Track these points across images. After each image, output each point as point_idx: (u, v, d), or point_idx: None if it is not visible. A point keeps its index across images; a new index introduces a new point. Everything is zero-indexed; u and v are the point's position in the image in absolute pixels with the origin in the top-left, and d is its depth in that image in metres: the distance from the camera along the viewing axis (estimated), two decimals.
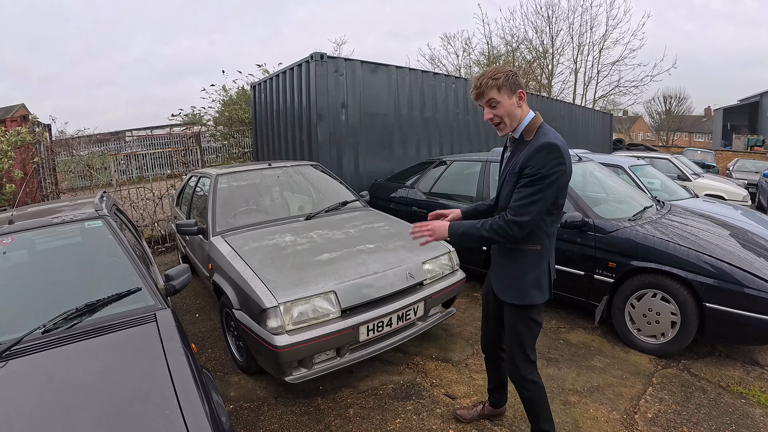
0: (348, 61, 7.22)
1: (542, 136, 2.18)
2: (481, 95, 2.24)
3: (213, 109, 14.24)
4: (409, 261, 3.70)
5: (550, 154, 2.10)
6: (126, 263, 2.75)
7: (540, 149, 2.12)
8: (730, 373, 3.64)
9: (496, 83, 2.18)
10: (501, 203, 2.39)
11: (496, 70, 2.21)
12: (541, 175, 2.10)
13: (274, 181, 5.23)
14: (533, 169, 2.11)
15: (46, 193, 7.91)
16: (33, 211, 3.72)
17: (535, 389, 2.49)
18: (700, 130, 56.07)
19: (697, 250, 3.69)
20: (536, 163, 2.11)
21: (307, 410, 3.27)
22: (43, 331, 2.15)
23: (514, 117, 2.24)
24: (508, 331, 2.48)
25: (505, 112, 2.22)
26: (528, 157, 2.15)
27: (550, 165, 2.10)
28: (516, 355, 2.45)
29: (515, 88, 2.20)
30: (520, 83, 2.21)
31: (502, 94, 2.19)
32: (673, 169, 10.53)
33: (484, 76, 2.21)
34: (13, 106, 8.08)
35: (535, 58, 25.53)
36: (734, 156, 22.28)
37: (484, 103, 2.26)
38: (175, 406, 1.68)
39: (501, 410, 3.06)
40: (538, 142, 2.15)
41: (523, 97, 2.22)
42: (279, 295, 3.09)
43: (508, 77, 2.18)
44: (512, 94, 2.20)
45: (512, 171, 2.26)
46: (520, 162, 2.19)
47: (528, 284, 2.32)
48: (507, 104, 2.21)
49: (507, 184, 2.32)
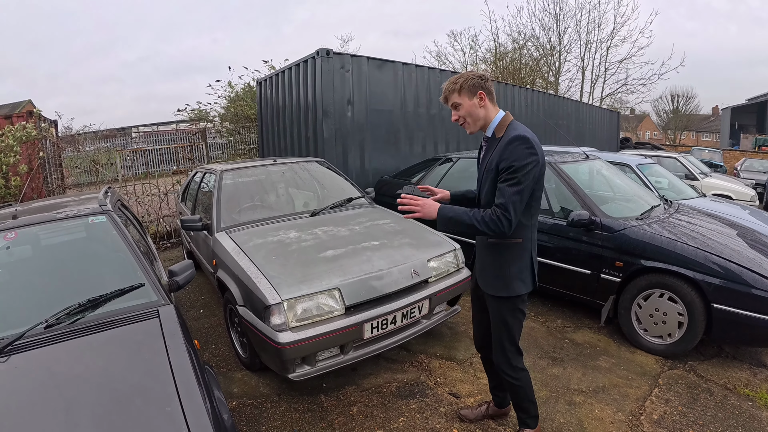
0: (354, 58, 7.19)
1: (512, 130, 2.28)
2: (446, 99, 2.41)
3: (219, 105, 14.28)
4: (414, 258, 3.68)
5: (520, 145, 2.20)
6: (129, 259, 2.74)
7: (510, 142, 2.22)
8: (737, 374, 3.60)
9: (455, 87, 2.34)
10: (483, 201, 2.44)
11: (460, 75, 2.38)
12: (515, 167, 2.17)
13: (279, 177, 5.22)
14: (507, 163, 2.20)
15: (52, 188, 7.93)
16: (37, 206, 3.72)
17: (525, 377, 2.58)
18: (708, 129, 55.78)
19: (705, 250, 3.65)
20: (509, 156, 2.20)
21: (310, 407, 3.26)
22: (45, 326, 2.15)
23: (476, 117, 2.36)
24: (496, 323, 2.52)
25: (466, 113, 2.36)
26: (501, 151, 2.25)
27: (523, 156, 2.18)
28: (506, 347, 2.52)
29: (475, 90, 2.31)
30: (481, 85, 2.31)
31: (462, 97, 2.34)
32: (681, 168, 10.48)
33: (449, 82, 2.38)
34: (20, 103, 8.11)
35: (542, 55, 25.43)
36: (742, 155, 22.17)
37: (450, 106, 2.41)
38: (177, 402, 1.67)
39: (506, 410, 3.04)
40: (509, 136, 2.26)
41: (484, 98, 2.32)
42: (283, 292, 3.08)
43: (467, 81, 2.32)
44: (472, 96, 2.32)
45: (489, 168, 2.34)
46: (495, 158, 2.28)
47: (512, 276, 2.40)
48: (467, 105, 2.34)
49: (485, 182, 2.39)
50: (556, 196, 4.65)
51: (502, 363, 2.55)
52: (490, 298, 2.50)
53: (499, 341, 2.53)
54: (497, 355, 2.57)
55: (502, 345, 2.52)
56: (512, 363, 2.53)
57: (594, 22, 25.21)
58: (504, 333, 2.49)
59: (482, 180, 2.44)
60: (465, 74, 2.36)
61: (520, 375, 2.55)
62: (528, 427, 2.67)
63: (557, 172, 4.69)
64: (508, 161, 2.19)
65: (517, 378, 2.55)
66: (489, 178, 2.33)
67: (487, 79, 2.35)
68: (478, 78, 2.32)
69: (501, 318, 2.48)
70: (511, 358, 2.52)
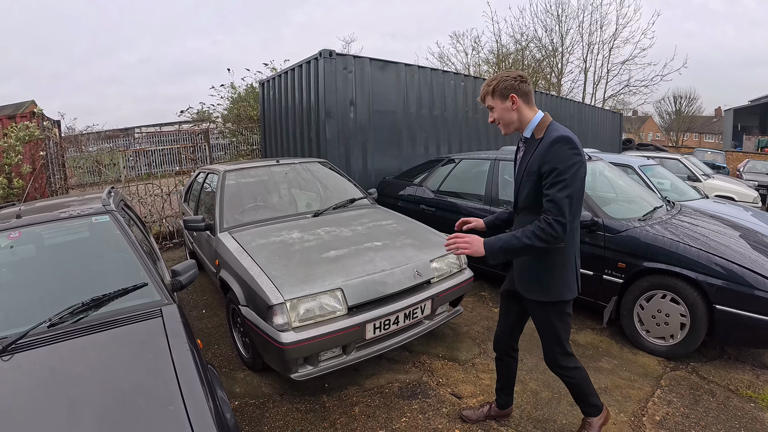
0: (357, 59, 7.20)
1: (553, 131, 2.22)
2: (483, 100, 2.40)
3: (221, 106, 14.30)
4: (416, 259, 3.68)
5: (563, 146, 2.14)
6: (132, 258, 2.74)
7: (553, 143, 2.16)
8: (740, 376, 3.60)
9: (489, 89, 2.33)
10: (521, 204, 2.41)
11: (495, 76, 2.34)
12: (561, 170, 2.12)
13: (281, 177, 5.22)
14: (551, 165, 2.14)
15: (55, 188, 7.95)
16: (41, 205, 3.73)
17: (579, 374, 2.57)
18: (711, 130, 55.63)
19: (707, 252, 3.65)
20: (552, 159, 2.14)
21: (312, 408, 3.26)
22: (48, 325, 2.15)
23: (509, 120, 2.34)
24: (543, 328, 2.50)
25: (499, 116, 2.35)
26: (543, 154, 2.19)
27: (567, 157, 2.13)
28: (554, 350, 2.51)
29: (507, 93, 2.28)
30: (514, 88, 2.27)
31: (495, 100, 2.33)
32: (683, 170, 10.45)
33: (484, 84, 2.37)
34: (23, 103, 8.13)
35: (544, 56, 25.39)
36: (745, 157, 22.10)
37: (487, 107, 2.40)
38: (180, 401, 1.67)
39: (507, 411, 3.04)
40: (550, 137, 2.19)
41: (516, 102, 2.28)
42: (285, 292, 3.08)
43: (499, 83, 2.29)
44: (504, 99, 2.30)
45: (529, 171, 2.28)
46: (537, 161, 2.23)
47: (555, 281, 2.35)
48: (499, 109, 2.33)
49: (525, 185, 2.34)
50: None
51: (553, 364, 2.57)
52: (532, 303, 2.45)
53: (547, 344, 2.53)
54: (547, 356, 2.57)
55: (550, 348, 2.52)
56: (561, 363, 2.53)
57: (596, 23, 25.20)
58: (552, 336, 2.48)
59: (521, 182, 2.39)
60: (499, 76, 2.32)
61: (573, 373, 2.55)
62: (591, 416, 2.68)
63: None
64: (551, 164, 2.14)
65: (570, 376, 2.56)
66: (530, 181, 2.28)
67: (522, 80, 2.29)
68: (512, 80, 2.28)
69: (548, 322, 2.45)
70: (560, 359, 2.52)
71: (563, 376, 2.57)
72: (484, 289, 5.49)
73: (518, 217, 2.48)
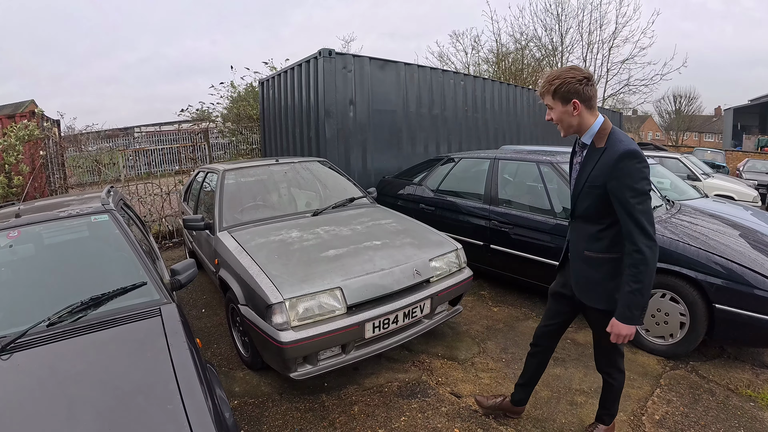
0: (356, 58, 7.20)
1: (617, 143, 2.14)
2: (541, 96, 2.29)
3: (221, 105, 14.31)
4: (416, 258, 3.68)
5: (632, 162, 2.07)
6: (132, 257, 2.74)
7: (621, 159, 2.08)
8: (739, 375, 3.59)
9: (549, 89, 2.20)
10: (579, 212, 2.38)
11: (557, 75, 2.19)
12: (638, 190, 2.06)
13: (281, 177, 5.22)
14: (623, 184, 2.08)
15: (54, 188, 7.95)
16: (40, 205, 3.73)
17: (621, 378, 2.61)
18: (710, 130, 55.62)
19: (707, 251, 3.65)
20: (623, 176, 2.08)
21: (311, 407, 3.26)
22: (47, 324, 2.16)
23: (568, 124, 2.25)
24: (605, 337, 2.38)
25: (557, 119, 2.26)
26: (610, 169, 2.12)
27: (639, 174, 2.07)
28: (615, 352, 2.52)
29: (569, 98, 2.17)
30: (577, 92, 2.15)
31: (556, 102, 2.21)
32: (683, 169, 10.44)
33: (545, 80, 2.23)
34: (23, 102, 8.14)
35: (544, 56, 25.35)
36: (744, 156, 22.10)
37: (545, 104, 2.30)
38: (178, 400, 1.67)
39: (519, 409, 3.03)
40: (617, 151, 2.11)
41: (578, 107, 2.17)
42: (285, 291, 3.08)
43: (562, 85, 2.16)
44: (566, 103, 2.19)
45: (592, 184, 2.22)
46: (602, 176, 2.16)
47: (611, 291, 2.30)
48: (558, 111, 2.23)
49: (587, 196, 2.28)
50: (558, 197, 4.65)
51: (611, 367, 2.58)
52: (596, 312, 2.41)
53: (608, 351, 2.53)
54: (605, 360, 2.59)
55: (612, 354, 2.54)
56: (617, 365, 2.56)
57: (596, 22, 25.18)
58: (612, 345, 2.45)
59: (580, 191, 2.32)
60: (563, 74, 2.17)
61: (619, 376, 2.59)
62: (603, 424, 2.72)
63: (559, 173, 4.69)
64: (624, 183, 2.07)
65: (615, 378, 2.59)
66: (593, 195, 2.23)
67: (588, 82, 2.17)
68: (576, 83, 2.14)
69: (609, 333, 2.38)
70: (618, 361, 2.56)
71: (611, 376, 2.60)
72: (483, 288, 5.49)
73: (575, 223, 2.45)
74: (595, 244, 2.32)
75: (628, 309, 2.14)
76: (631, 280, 2.11)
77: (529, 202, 4.96)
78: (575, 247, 2.45)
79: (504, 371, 3.66)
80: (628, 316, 2.15)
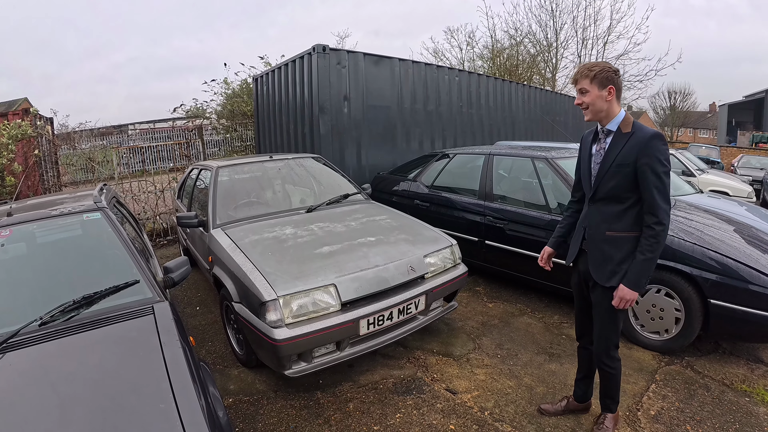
0: (350, 54, 7.18)
1: (644, 128, 2.36)
2: (576, 82, 2.46)
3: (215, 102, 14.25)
4: (410, 254, 3.67)
5: (660, 143, 2.30)
6: (124, 255, 2.72)
7: (652, 139, 2.30)
8: (734, 370, 3.60)
9: (589, 73, 2.40)
10: (601, 195, 2.51)
11: (596, 63, 2.45)
12: (666, 168, 2.30)
13: (275, 173, 5.20)
14: (652, 160, 2.29)
15: (48, 186, 7.91)
16: (32, 203, 3.70)
17: (618, 365, 2.69)
18: (705, 126, 55.83)
19: (702, 246, 3.65)
20: (653, 153, 2.29)
21: (306, 404, 3.25)
22: (39, 324, 2.14)
23: (599, 108, 2.42)
24: (607, 315, 2.56)
25: (591, 102, 2.42)
26: (642, 147, 2.31)
27: (666, 152, 2.31)
28: (610, 338, 2.61)
29: (606, 83, 2.37)
30: (613, 80, 2.38)
31: (593, 85, 2.39)
32: (678, 165, 10.45)
33: (584, 66, 2.45)
34: (16, 100, 8.09)
35: (539, 51, 25.32)
36: (739, 152, 22.18)
37: (577, 90, 2.47)
38: (171, 399, 1.66)
39: (587, 404, 3.06)
40: (647, 132, 2.34)
41: (612, 93, 2.38)
42: (279, 288, 3.07)
43: (602, 71, 2.38)
44: (602, 88, 2.38)
45: (621, 163, 2.38)
46: (632, 154, 2.33)
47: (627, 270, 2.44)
48: (594, 95, 2.40)
49: (613, 176, 2.42)
50: (553, 192, 4.64)
51: (603, 354, 2.65)
52: (603, 288, 2.52)
53: (605, 332, 2.60)
54: (600, 345, 2.65)
55: (608, 336, 2.60)
56: (612, 354, 2.63)
57: (590, 18, 25.15)
58: (612, 326, 2.56)
59: (606, 173, 2.45)
60: (601, 63, 2.43)
61: (616, 364, 2.66)
62: (610, 412, 2.80)
63: (554, 168, 4.69)
64: (656, 157, 2.28)
65: (613, 367, 2.66)
66: (622, 173, 2.38)
67: (619, 75, 2.42)
68: (613, 72, 2.38)
69: (613, 310, 2.52)
70: (612, 349, 2.63)
71: (608, 367, 2.66)
72: (478, 284, 5.49)
73: (594, 206, 2.57)
74: (618, 223, 2.46)
75: (638, 276, 2.36)
76: (647, 250, 2.33)
77: (524, 198, 4.96)
78: (596, 229, 2.55)
79: (499, 367, 3.66)
80: (637, 282, 2.36)
